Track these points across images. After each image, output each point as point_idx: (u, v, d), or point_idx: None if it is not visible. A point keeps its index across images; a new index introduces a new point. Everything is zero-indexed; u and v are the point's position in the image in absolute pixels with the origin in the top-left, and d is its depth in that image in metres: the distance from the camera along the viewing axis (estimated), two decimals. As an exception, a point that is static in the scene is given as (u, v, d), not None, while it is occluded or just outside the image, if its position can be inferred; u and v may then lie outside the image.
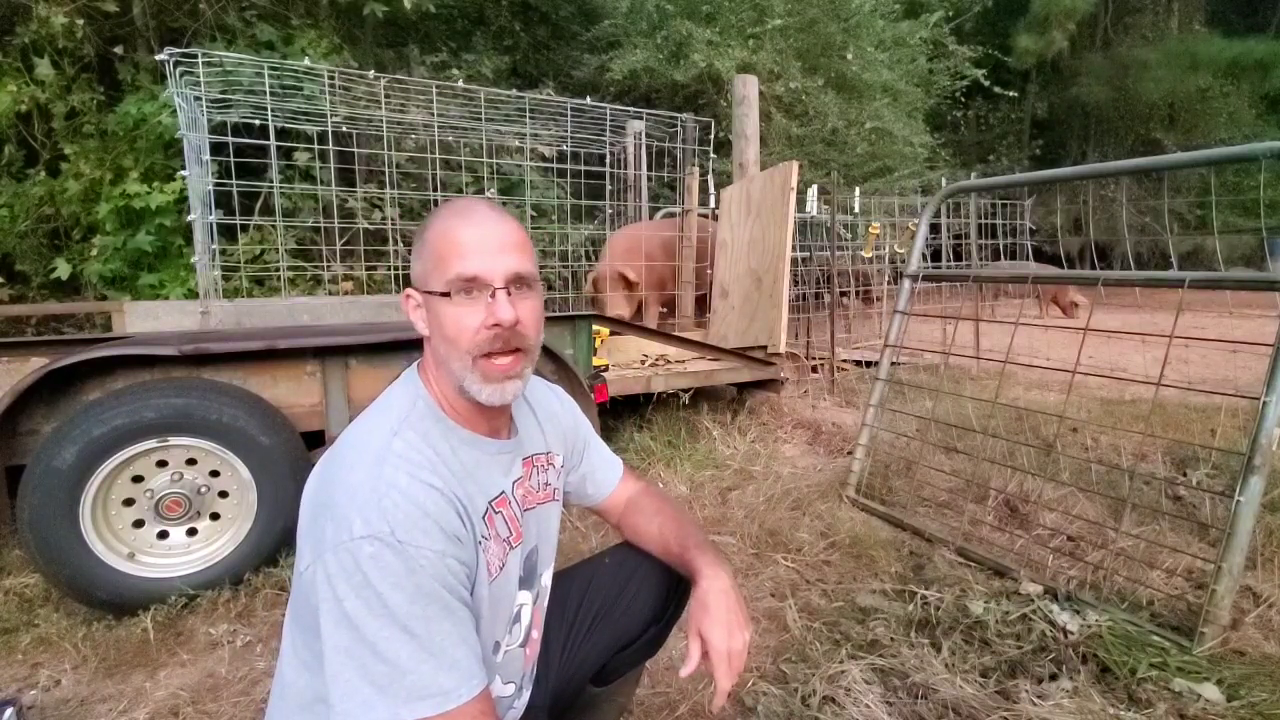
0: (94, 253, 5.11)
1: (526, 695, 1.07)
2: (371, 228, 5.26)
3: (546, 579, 1.10)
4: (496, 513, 0.93)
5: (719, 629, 0.97)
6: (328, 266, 4.99)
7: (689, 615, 1.01)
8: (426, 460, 0.84)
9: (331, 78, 4.48)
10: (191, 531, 2.11)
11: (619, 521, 1.24)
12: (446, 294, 0.86)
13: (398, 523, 0.77)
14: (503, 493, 0.95)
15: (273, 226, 4.82)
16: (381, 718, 0.73)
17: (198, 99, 4.10)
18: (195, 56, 3.95)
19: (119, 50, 5.37)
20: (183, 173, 4.27)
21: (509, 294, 0.86)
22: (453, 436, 0.90)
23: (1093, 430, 3.22)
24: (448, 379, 0.90)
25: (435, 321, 0.88)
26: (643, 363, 3.89)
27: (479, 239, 0.86)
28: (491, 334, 0.86)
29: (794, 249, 4.35)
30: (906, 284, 2.85)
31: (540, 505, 1.05)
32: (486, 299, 0.86)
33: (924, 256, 3.93)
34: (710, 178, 5.53)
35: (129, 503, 2.02)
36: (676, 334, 3.92)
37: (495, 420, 0.97)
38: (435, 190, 4.95)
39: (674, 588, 1.19)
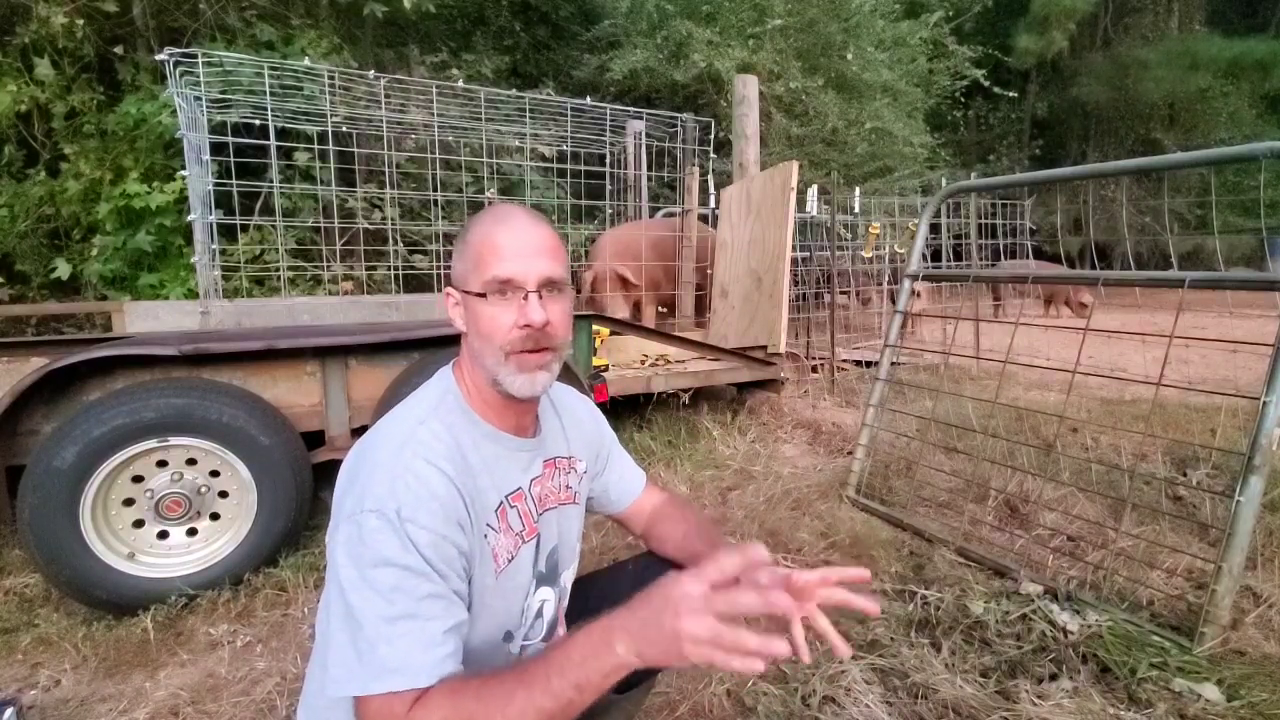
0: (94, 253, 5.11)
1: None
2: (371, 228, 5.26)
3: (567, 579, 1.12)
4: (512, 507, 0.97)
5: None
6: (328, 266, 4.99)
7: None
8: (446, 449, 0.89)
9: (331, 78, 4.48)
10: (191, 531, 2.11)
11: (644, 532, 1.25)
12: (483, 294, 0.91)
13: (404, 502, 0.81)
14: (519, 488, 0.99)
15: (273, 226, 4.82)
16: (355, 688, 0.75)
17: (198, 99, 4.11)
18: (195, 56, 3.95)
19: (119, 50, 5.37)
20: (183, 173, 4.27)
21: (540, 297, 0.91)
22: (475, 430, 0.95)
23: (1093, 430, 3.21)
24: (481, 373, 0.95)
25: (472, 319, 0.94)
26: (643, 363, 3.89)
27: (515, 244, 0.91)
28: (523, 334, 0.91)
29: (794, 249, 4.35)
30: (906, 284, 2.85)
31: (560, 506, 1.08)
32: (520, 300, 0.90)
33: (924, 256, 3.92)
34: (710, 178, 5.53)
35: (129, 503, 2.02)
36: (676, 334, 3.92)
37: (521, 417, 1.00)
38: (435, 190, 4.95)
39: None
